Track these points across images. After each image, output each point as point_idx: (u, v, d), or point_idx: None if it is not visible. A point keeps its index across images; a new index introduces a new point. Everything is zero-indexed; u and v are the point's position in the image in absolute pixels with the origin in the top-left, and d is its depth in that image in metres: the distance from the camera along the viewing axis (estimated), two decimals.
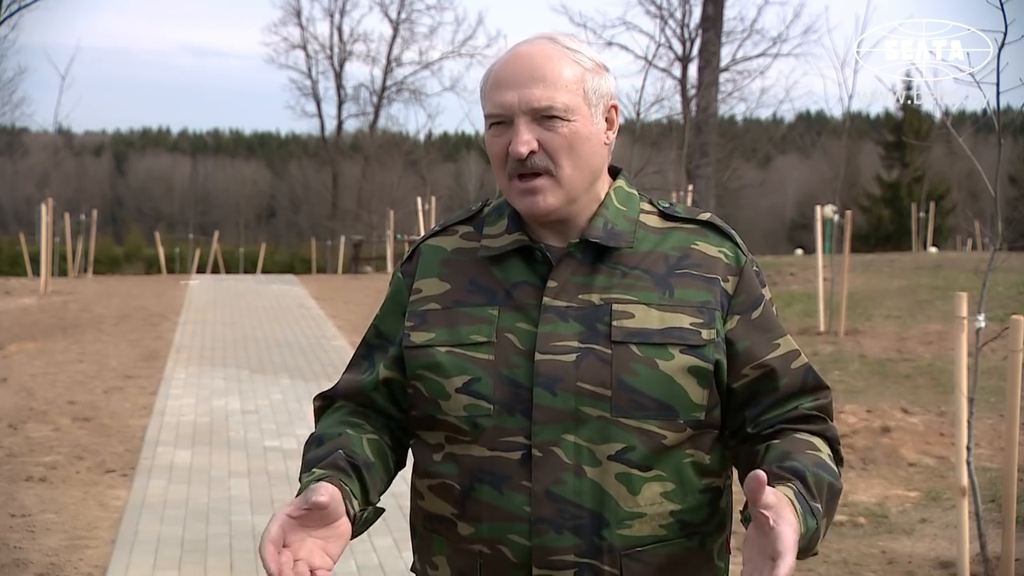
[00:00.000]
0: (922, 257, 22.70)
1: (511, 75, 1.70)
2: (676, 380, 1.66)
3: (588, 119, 1.71)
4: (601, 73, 1.74)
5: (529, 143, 1.67)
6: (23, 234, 25.85)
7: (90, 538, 5.50)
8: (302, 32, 42.03)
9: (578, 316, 1.69)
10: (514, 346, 1.69)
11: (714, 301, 1.71)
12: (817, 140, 40.36)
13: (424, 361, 1.73)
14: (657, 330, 1.67)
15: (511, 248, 1.75)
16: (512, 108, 1.68)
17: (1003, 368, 4.99)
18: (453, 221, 1.85)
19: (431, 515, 1.77)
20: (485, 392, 1.69)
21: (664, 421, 1.66)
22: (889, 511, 5.89)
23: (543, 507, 1.66)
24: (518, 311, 1.71)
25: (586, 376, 1.66)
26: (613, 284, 1.71)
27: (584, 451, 1.66)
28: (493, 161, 1.74)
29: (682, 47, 22.66)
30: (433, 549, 1.78)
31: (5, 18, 10.44)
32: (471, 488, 1.70)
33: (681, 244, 1.75)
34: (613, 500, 1.65)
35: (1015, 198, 31.20)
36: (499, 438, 1.68)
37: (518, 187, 1.71)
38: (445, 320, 1.74)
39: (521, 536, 1.67)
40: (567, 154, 1.69)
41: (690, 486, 1.70)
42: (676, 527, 1.69)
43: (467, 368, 1.70)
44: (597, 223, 1.74)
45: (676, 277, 1.72)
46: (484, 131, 1.76)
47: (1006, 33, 4.55)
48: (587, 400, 1.66)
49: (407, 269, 1.84)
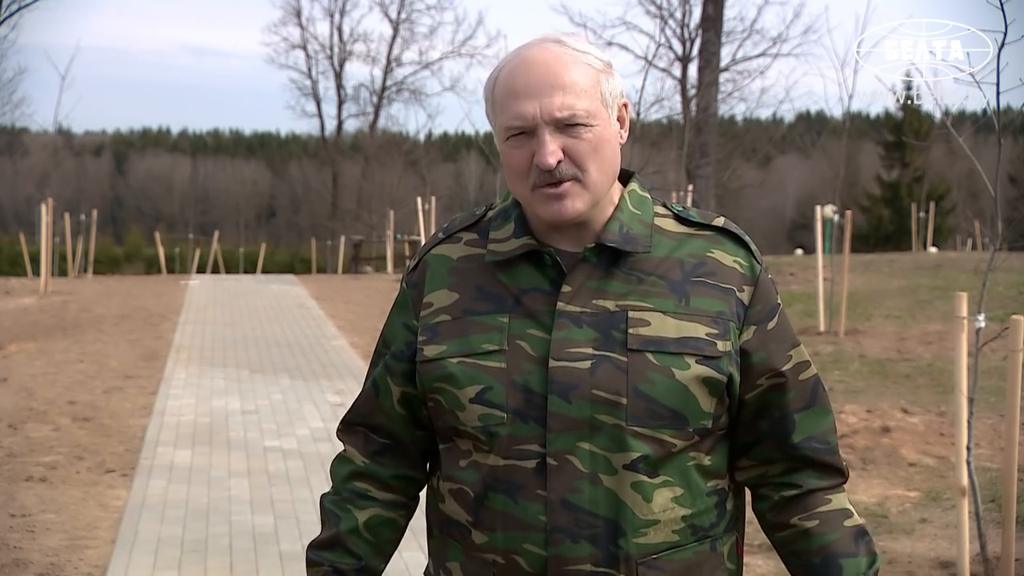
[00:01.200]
0: (922, 257, 22.71)
1: (528, 84, 1.66)
2: (690, 390, 1.65)
3: (607, 121, 1.69)
4: (611, 72, 1.72)
5: (556, 153, 1.64)
6: (23, 234, 25.86)
7: (90, 538, 5.50)
8: (302, 32, 42.11)
9: (592, 322, 1.66)
10: (526, 353, 1.67)
11: (728, 312, 1.69)
12: (817, 140, 40.33)
13: (438, 374, 1.71)
14: (673, 339, 1.65)
15: (519, 253, 1.71)
16: (534, 119, 1.64)
17: (1003, 368, 4.99)
18: (457, 228, 1.82)
19: (449, 519, 1.75)
20: (498, 401, 1.66)
21: (676, 430, 1.65)
22: (889, 511, 5.89)
23: (559, 516, 1.64)
24: (529, 317, 1.69)
25: (601, 384, 1.64)
26: (629, 290, 1.68)
27: (600, 459, 1.64)
28: (512, 172, 1.69)
29: (682, 47, 22.67)
30: (448, 554, 1.76)
31: (5, 18, 10.44)
32: (485, 497, 1.68)
33: (697, 251, 1.72)
34: (629, 509, 1.64)
35: (1015, 198, 31.21)
36: (513, 446, 1.66)
37: (544, 194, 1.67)
38: (456, 331, 1.72)
39: (536, 546, 1.65)
40: (593, 159, 1.66)
41: (697, 489, 1.69)
42: (688, 532, 1.68)
43: (479, 377, 1.68)
44: (613, 227, 1.70)
45: (692, 285, 1.69)
46: (499, 142, 1.71)
47: (1006, 33, 4.55)
48: (602, 408, 1.63)
49: (413, 279, 1.81)
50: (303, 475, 6.67)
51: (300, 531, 5.60)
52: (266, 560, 5.18)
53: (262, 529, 5.63)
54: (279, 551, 5.30)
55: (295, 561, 5.16)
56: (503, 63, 1.72)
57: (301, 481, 6.54)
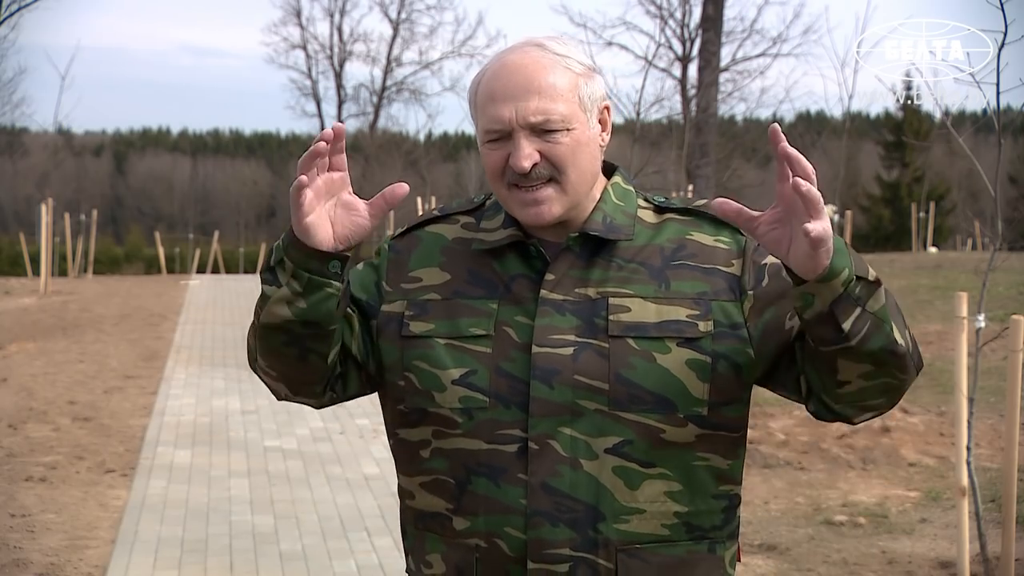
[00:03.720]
0: (922, 257, 22.69)
1: (504, 88, 1.69)
2: (673, 373, 1.66)
3: (585, 125, 1.71)
4: (592, 76, 1.74)
5: (531, 156, 1.67)
6: (23, 234, 25.81)
7: (90, 538, 5.50)
8: (302, 32, 42.00)
9: (575, 310, 1.69)
10: (512, 339, 1.70)
11: (712, 291, 1.70)
12: (817, 140, 40.23)
13: (421, 352, 1.73)
14: (654, 323, 1.68)
15: (506, 243, 1.74)
16: (510, 123, 1.68)
17: (1003, 368, 4.99)
18: (454, 211, 1.84)
19: (423, 513, 1.76)
20: (481, 384, 1.69)
21: (662, 415, 1.66)
22: (889, 511, 5.89)
23: (539, 500, 1.66)
24: (516, 304, 1.72)
25: (583, 370, 1.66)
26: (609, 278, 1.71)
27: (580, 444, 1.65)
28: (490, 172, 1.72)
29: (682, 47, 22.62)
30: (427, 548, 1.77)
31: (5, 18, 10.44)
32: (467, 481, 1.70)
33: (676, 235, 1.75)
34: (609, 493, 1.65)
35: (1015, 198, 31.20)
36: (495, 431, 1.68)
37: (520, 198, 1.70)
38: (445, 311, 1.74)
39: (517, 529, 1.67)
40: (570, 162, 1.69)
41: (700, 489, 1.70)
42: (681, 529, 1.69)
43: (464, 360, 1.70)
44: (596, 217, 1.74)
45: (672, 269, 1.71)
46: (480, 144, 1.75)
47: (1006, 33, 4.55)
48: (584, 393, 1.66)
49: (397, 246, 1.83)
50: (303, 475, 6.68)
51: (300, 531, 5.60)
52: (266, 560, 5.18)
53: (262, 529, 5.63)
54: (279, 551, 5.31)
55: (295, 561, 5.16)
56: (485, 67, 1.75)
57: (301, 481, 6.54)
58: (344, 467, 6.84)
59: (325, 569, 5.07)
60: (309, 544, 5.41)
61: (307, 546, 5.38)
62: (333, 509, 5.98)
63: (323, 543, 5.42)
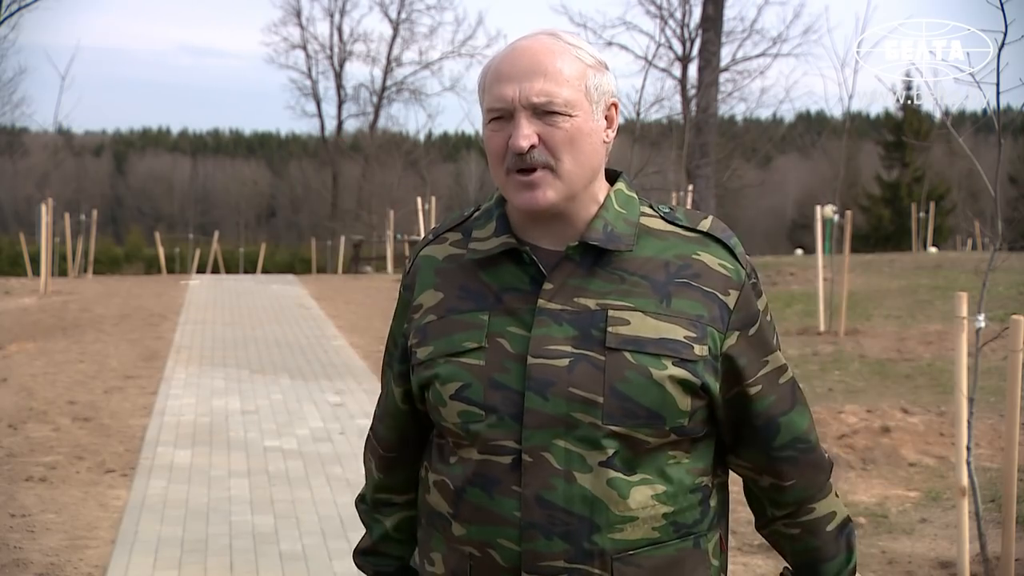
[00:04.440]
0: (922, 257, 22.70)
1: (511, 69, 1.68)
2: (667, 389, 1.66)
3: (589, 115, 1.69)
4: (602, 70, 1.73)
5: (529, 137, 1.66)
6: (23, 234, 25.83)
7: (90, 538, 5.50)
8: (302, 32, 42.05)
9: (572, 320, 1.68)
10: (505, 350, 1.68)
11: (708, 316, 1.69)
12: (817, 140, 40.34)
13: (429, 374, 1.75)
14: (652, 339, 1.66)
15: (499, 251, 1.73)
16: (512, 102, 1.67)
17: (1003, 368, 4.99)
18: (443, 229, 1.85)
19: (433, 510, 1.78)
20: (475, 398, 1.69)
21: (652, 429, 1.66)
22: (889, 511, 5.89)
23: (533, 512, 1.65)
24: (509, 315, 1.70)
25: (578, 382, 1.65)
26: (610, 289, 1.69)
27: (575, 457, 1.65)
28: (491, 156, 1.71)
29: (682, 47, 22.63)
30: (432, 544, 1.79)
31: (5, 18, 10.44)
32: (463, 490, 1.71)
33: (684, 253, 1.72)
34: (604, 505, 1.65)
35: (1015, 198, 31.23)
36: (490, 442, 1.68)
37: (517, 181, 1.68)
38: (440, 330, 1.74)
39: (510, 541, 1.67)
40: (568, 149, 1.67)
41: (680, 487, 1.70)
42: (670, 529, 1.69)
43: (459, 375, 1.70)
44: (597, 225, 1.71)
45: (676, 286, 1.70)
46: (483, 126, 1.74)
47: (1006, 33, 4.55)
48: (578, 406, 1.65)
49: (407, 283, 1.85)
50: (303, 475, 6.67)
51: (300, 531, 5.60)
52: (266, 560, 5.18)
53: (262, 529, 5.63)
54: (279, 551, 5.31)
55: (295, 561, 5.16)
56: (498, 53, 1.76)
57: (301, 481, 6.54)
58: (344, 467, 6.83)
59: (325, 569, 5.07)
60: (309, 544, 5.41)
61: (307, 546, 5.38)
62: (333, 509, 5.98)
63: (323, 543, 5.42)
